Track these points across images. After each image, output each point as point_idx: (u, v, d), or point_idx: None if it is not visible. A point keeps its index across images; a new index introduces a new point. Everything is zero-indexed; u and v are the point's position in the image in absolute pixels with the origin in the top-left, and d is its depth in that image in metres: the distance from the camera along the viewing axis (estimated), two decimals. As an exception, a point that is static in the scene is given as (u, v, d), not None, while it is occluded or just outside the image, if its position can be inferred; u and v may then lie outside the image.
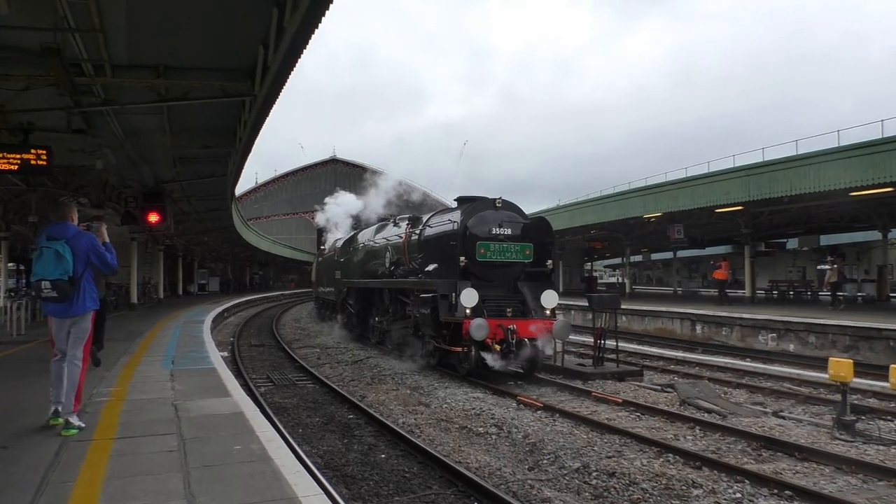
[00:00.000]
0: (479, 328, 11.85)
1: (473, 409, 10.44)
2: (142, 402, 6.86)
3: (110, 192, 17.22)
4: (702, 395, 10.61)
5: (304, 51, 8.18)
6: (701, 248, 45.61)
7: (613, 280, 71.73)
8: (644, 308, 24.32)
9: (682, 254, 59.21)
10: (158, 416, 6.25)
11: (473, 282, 12.82)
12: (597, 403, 10.79)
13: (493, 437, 8.75)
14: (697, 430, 8.94)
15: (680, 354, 16.71)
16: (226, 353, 15.26)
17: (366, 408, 10.28)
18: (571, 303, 29.83)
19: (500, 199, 13.76)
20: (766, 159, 18.65)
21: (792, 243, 34.37)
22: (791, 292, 29.27)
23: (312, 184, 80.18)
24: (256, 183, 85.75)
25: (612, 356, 13.75)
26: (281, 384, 13.06)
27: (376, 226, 21.13)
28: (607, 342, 13.58)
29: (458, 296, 12.50)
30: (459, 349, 12.64)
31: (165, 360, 9.81)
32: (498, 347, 12.21)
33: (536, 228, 13.84)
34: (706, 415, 9.79)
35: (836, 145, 17.60)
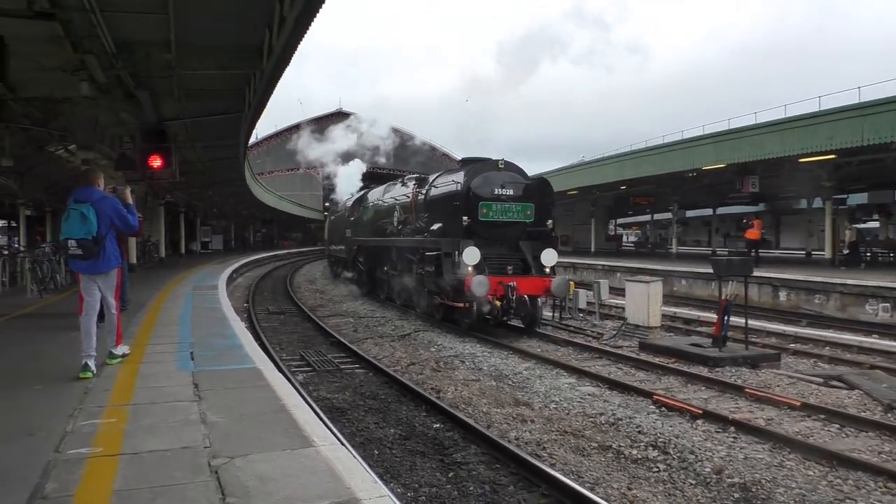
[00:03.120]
0: (480, 285, 12.16)
1: (595, 411, 7.71)
2: (150, 468, 3.57)
3: (101, 132, 14.20)
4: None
5: None
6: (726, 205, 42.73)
7: (635, 239, 68.83)
8: (710, 271, 21.45)
9: (695, 213, 56.13)
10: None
11: (476, 240, 13.14)
12: (759, 405, 8.02)
13: (662, 466, 6.00)
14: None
15: (786, 328, 13.96)
16: (243, 324, 12.48)
17: (454, 411, 7.52)
18: (604, 263, 27.13)
19: (502, 160, 14.05)
20: (886, 96, 15.58)
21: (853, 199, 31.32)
22: (868, 254, 26.38)
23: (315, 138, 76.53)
24: (257, 137, 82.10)
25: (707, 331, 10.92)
26: (321, 368, 10.30)
27: (385, 185, 21.62)
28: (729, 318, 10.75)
29: (461, 254, 12.87)
30: (462, 305, 13.12)
31: (181, 350, 6.94)
32: (498, 304, 12.63)
33: (537, 189, 14.08)
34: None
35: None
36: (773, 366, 10.23)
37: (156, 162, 12.37)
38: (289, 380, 5.98)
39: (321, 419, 4.83)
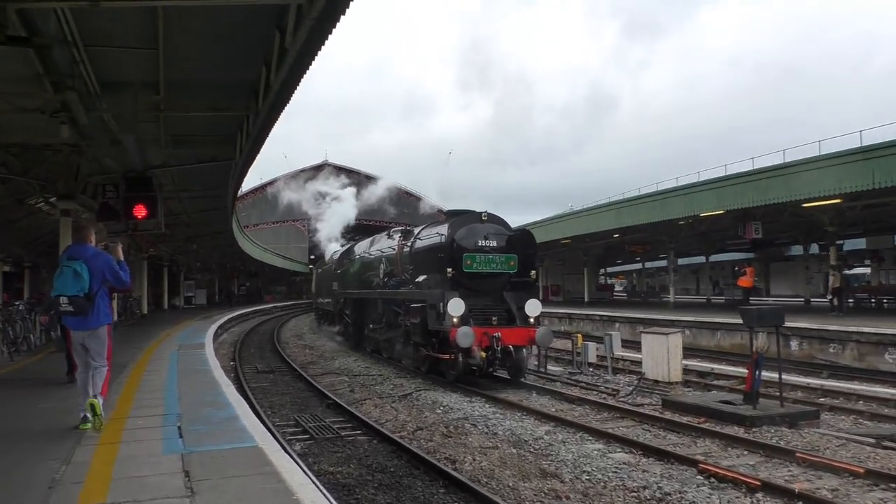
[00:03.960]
0: (465, 336, 12.16)
1: (636, 483, 6.83)
2: None
3: (82, 181, 13.41)
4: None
5: None
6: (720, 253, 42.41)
7: (620, 288, 68.33)
8: (715, 320, 20.79)
9: (685, 261, 55.85)
10: None
11: (461, 292, 13.21)
12: (816, 472, 7.19)
13: (733, 554, 5.12)
14: None
15: (810, 381, 13.20)
16: (234, 389, 11.45)
17: (477, 488, 6.61)
18: (602, 313, 26.36)
19: (485, 212, 14.36)
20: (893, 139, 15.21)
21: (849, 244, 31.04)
22: (873, 301, 25.87)
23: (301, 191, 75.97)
24: (241, 190, 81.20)
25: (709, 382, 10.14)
26: (320, 436, 9.33)
27: (371, 238, 21.98)
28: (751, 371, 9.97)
29: (445, 305, 12.86)
30: (448, 356, 13.01)
31: (167, 424, 5.90)
32: (483, 355, 12.58)
33: (521, 240, 14.28)
34: None
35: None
36: (813, 424, 9.43)
37: (140, 212, 11.65)
38: (298, 463, 5.06)
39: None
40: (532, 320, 13.45)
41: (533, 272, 14.47)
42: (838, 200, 18.18)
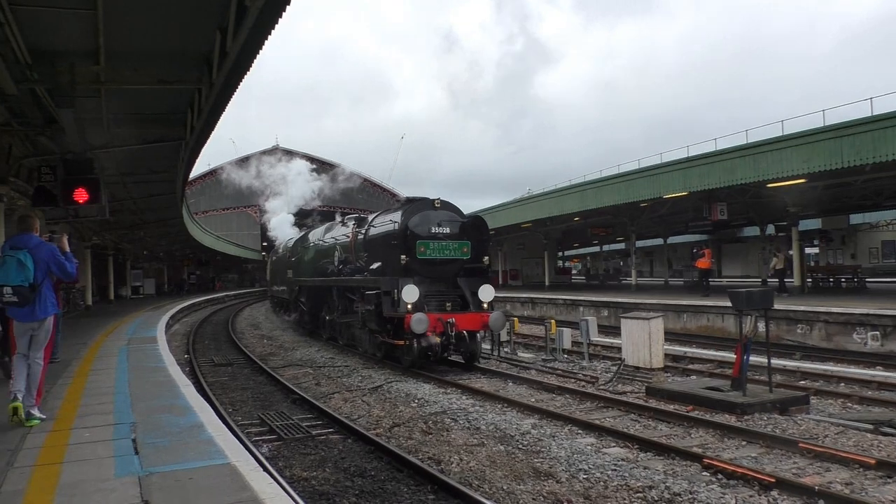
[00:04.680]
0: (419, 322, 12.37)
1: (640, 482, 6.34)
2: None
3: (15, 162, 12.24)
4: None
5: None
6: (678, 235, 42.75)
7: (575, 272, 68.64)
8: (681, 302, 20.65)
9: (640, 243, 56.46)
10: None
11: (415, 278, 13.33)
12: (822, 463, 6.82)
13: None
14: None
15: (786, 363, 13.04)
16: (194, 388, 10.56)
17: (471, 493, 6.01)
18: (565, 297, 26.06)
19: (438, 199, 14.39)
20: (872, 114, 15.05)
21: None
22: (831, 280, 26.16)
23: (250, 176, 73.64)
24: (191, 176, 78.39)
25: (696, 367, 9.82)
26: (288, 435, 8.60)
27: (326, 225, 22.26)
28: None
29: (400, 292, 13.01)
30: (403, 342, 13.20)
31: (119, 436, 5.12)
32: (438, 340, 12.79)
33: (473, 227, 14.41)
34: None
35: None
36: (803, 410, 9.13)
37: (81, 196, 10.59)
38: (284, 487, 4.35)
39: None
40: (485, 305, 13.66)
41: (486, 258, 14.63)
42: (802, 181, 18.14)
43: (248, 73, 7.91)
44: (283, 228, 35.82)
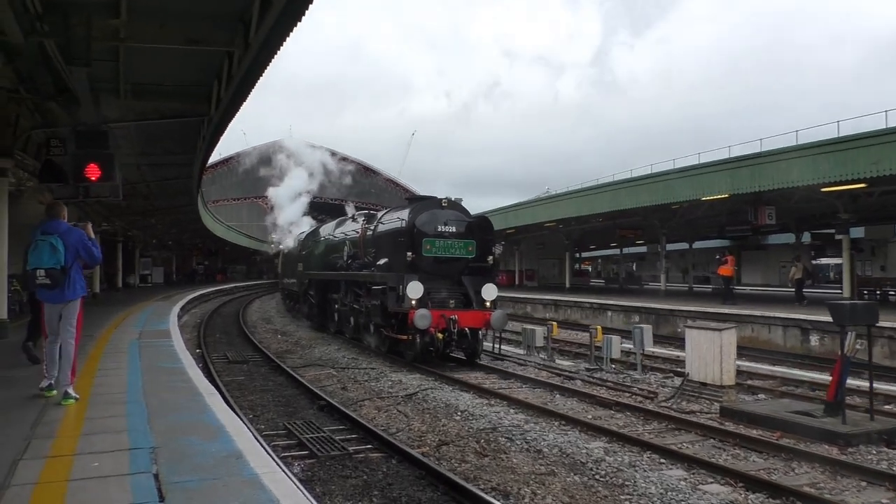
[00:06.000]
0: (422, 318, 12.66)
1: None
2: None
3: (22, 134, 11.15)
4: None
5: None
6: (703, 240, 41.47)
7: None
8: (722, 311, 19.41)
9: (669, 247, 55.15)
10: None
11: (420, 275, 13.56)
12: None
13: None
14: None
15: (860, 384, 11.82)
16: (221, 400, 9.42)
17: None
18: (592, 300, 24.79)
19: (446, 198, 14.72)
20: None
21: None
22: (878, 292, 24.83)
23: (265, 166, 72.58)
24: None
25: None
26: (322, 452, 7.46)
27: (336, 220, 22.81)
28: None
29: (404, 288, 13.27)
30: (406, 337, 13.48)
31: (137, 472, 3.88)
32: (440, 336, 13.12)
33: (479, 226, 14.71)
34: None
35: None
36: (910, 440, 7.95)
37: (94, 173, 9.49)
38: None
39: None
40: (488, 304, 13.93)
41: (490, 258, 14.77)
42: (863, 185, 16.91)
43: (297, 25, 6.73)
44: (295, 221, 34.89)
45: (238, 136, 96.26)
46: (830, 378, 12.24)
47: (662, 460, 7.22)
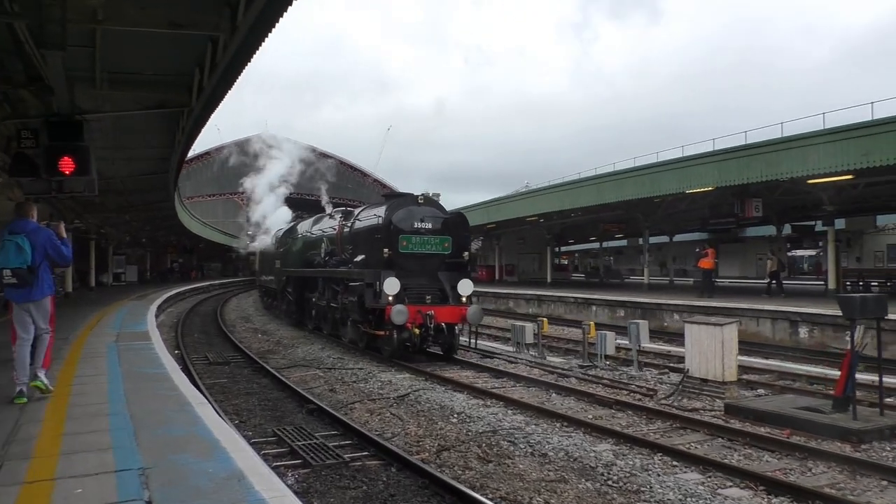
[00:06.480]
0: (399, 314, 12.85)
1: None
2: None
3: (-10, 126, 10.54)
4: None
5: None
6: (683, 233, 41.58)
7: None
8: (711, 304, 19.30)
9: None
10: None
11: (397, 271, 13.74)
12: None
13: None
14: None
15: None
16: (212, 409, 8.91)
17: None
18: (575, 295, 24.60)
19: (422, 195, 14.95)
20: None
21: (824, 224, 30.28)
22: (860, 283, 24.97)
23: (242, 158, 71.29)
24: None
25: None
26: (315, 460, 7.06)
27: (314, 217, 23.08)
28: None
29: (381, 284, 13.46)
30: (383, 333, 13.60)
31: (124, 497, 3.39)
32: (417, 332, 13.26)
33: (455, 223, 14.94)
34: None
35: None
36: (921, 437, 7.77)
37: (68, 166, 8.98)
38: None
39: None
40: (464, 299, 14.11)
41: (466, 253, 15.02)
42: (850, 177, 16.88)
43: (291, 4, 6.29)
44: (272, 217, 34.25)
45: (213, 132, 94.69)
46: (828, 372, 12.24)
47: (675, 462, 6.94)
